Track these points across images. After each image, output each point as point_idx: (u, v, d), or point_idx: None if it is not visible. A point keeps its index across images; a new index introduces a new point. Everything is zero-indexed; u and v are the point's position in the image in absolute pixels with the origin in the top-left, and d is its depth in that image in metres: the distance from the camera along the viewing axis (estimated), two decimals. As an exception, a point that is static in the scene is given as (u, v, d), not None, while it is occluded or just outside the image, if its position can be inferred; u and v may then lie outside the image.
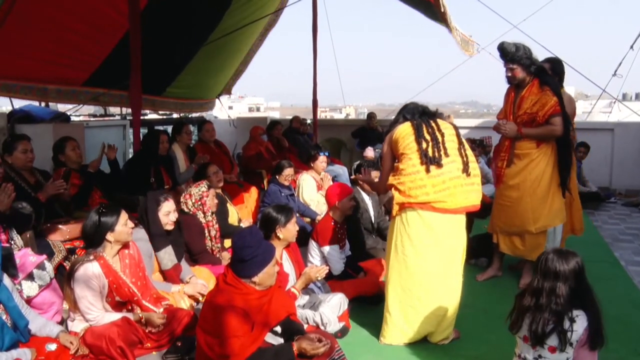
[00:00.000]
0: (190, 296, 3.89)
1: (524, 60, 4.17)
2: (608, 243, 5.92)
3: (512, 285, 4.47)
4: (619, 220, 7.12)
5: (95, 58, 6.74)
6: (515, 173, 4.35)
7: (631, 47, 9.52)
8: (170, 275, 3.95)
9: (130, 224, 3.42)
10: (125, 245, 3.43)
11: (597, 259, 5.33)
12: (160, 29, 6.75)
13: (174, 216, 4.00)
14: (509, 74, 4.28)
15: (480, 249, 4.82)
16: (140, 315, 3.32)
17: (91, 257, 3.24)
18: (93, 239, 3.32)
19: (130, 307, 3.38)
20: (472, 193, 3.38)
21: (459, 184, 3.33)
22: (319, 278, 3.62)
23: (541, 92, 4.20)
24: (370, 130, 9.95)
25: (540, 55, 5.07)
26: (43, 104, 7.44)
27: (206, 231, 4.55)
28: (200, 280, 4.00)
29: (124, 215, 3.36)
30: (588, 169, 8.34)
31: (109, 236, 3.29)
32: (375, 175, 5.19)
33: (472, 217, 4.97)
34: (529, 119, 4.24)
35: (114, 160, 5.39)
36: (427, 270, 3.39)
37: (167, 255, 3.93)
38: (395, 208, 3.44)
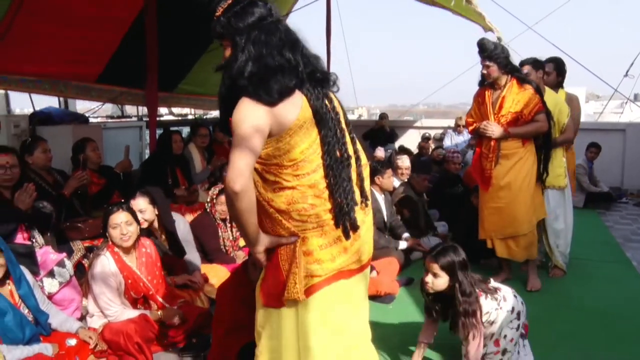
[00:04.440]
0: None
1: (500, 59, 4.09)
2: (619, 243, 5.85)
3: (514, 285, 4.38)
4: (631, 221, 7.03)
5: (106, 50, 6.70)
6: (504, 172, 4.23)
7: (643, 47, 9.45)
8: (170, 263, 3.95)
9: (124, 230, 3.27)
10: (141, 244, 3.47)
11: (609, 259, 5.27)
12: (169, 22, 6.70)
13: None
14: (484, 71, 4.19)
15: (490, 249, 4.76)
16: (159, 313, 3.35)
17: (105, 250, 3.30)
18: (103, 232, 3.40)
19: (146, 305, 3.43)
20: None
21: None
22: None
23: (523, 90, 4.14)
24: (379, 131, 9.95)
25: (554, 55, 5.06)
26: (62, 106, 7.53)
27: (220, 232, 4.57)
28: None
29: (115, 218, 3.28)
30: (599, 169, 8.26)
31: (108, 233, 3.33)
32: (389, 174, 5.20)
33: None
34: (513, 118, 4.16)
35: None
36: None
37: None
38: None
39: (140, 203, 3.83)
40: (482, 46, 4.13)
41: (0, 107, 9.13)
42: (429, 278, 2.87)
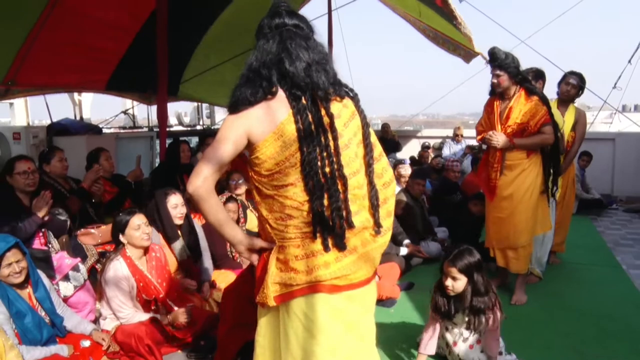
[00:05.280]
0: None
1: (511, 69, 3.96)
2: (610, 248, 5.83)
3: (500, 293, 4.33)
4: (621, 226, 7.01)
5: (113, 58, 6.75)
6: (508, 183, 4.10)
7: (629, 61, 9.44)
8: (188, 267, 3.95)
9: (146, 230, 3.36)
10: (151, 249, 3.47)
11: (600, 262, 5.26)
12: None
13: (182, 209, 3.92)
14: (495, 80, 4.04)
15: (489, 254, 4.72)
16: (168, 317, 3.34)
17: (118, 256, 3.31)
18: (114, 239, 3.40)
19: (156, 307, 3.41)
20: None
21: None
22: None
23: (530, 101, 4.00)
24: (388, 140, 9.96)
25: (545, 68, 5.05)
26: (78, 118, 7.58)
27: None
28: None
29: (136, 220, 3.33)
30: (591, 177, 8.25)
31: (122, 238, 3.33)
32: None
33: (482, 223, 4.90)
34: (519, 129, 4.03)
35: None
36: None
37: (181, 247, 3.92)
38: None
39: (178, 198, 3.92)
40: (493, 55, 4.00)
41: (21, 119, 9.22)
42: (449, 282, 2.91)
